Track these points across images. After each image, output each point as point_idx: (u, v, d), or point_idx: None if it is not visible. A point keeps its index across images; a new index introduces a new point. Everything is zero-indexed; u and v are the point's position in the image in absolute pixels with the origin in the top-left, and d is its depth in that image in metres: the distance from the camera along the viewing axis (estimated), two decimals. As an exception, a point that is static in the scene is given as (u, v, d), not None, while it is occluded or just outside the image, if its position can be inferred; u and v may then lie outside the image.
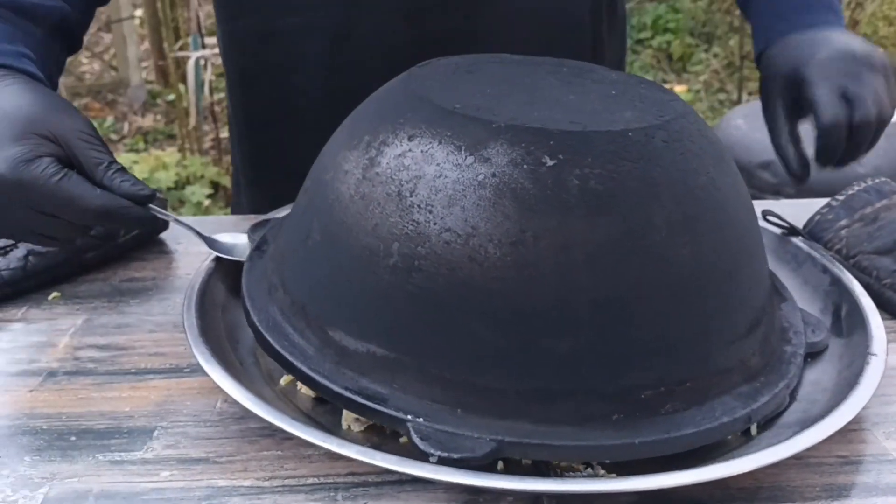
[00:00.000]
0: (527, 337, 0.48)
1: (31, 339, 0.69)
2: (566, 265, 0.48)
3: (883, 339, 0.60)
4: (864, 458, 0.55)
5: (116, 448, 0.55)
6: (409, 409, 0.49)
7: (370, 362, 0.51)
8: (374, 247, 0.50)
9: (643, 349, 0.49)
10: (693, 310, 0.51)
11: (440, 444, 0.46)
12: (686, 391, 0.50)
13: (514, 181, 0.48)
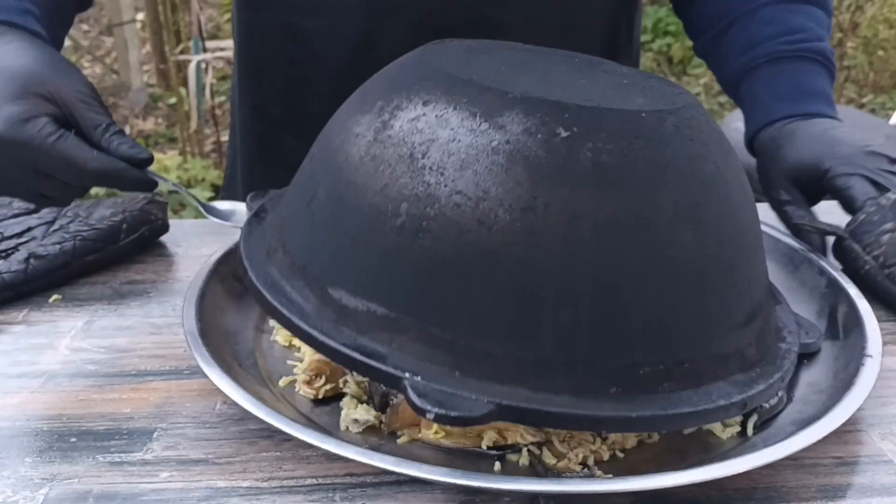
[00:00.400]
0: (530, 304, 0.48)
1: (31, 341, 0.69)
2: (574, 235, 0.48)
3: (878, 340, 0.60)
4: (860, 459, 0.55)
5: (116, 449, 0.55)
6: (406, 368, 0.48)
7: (370, 321, 0.50)
8: (382, 207, 0.50)
9: (643, 326, 0.49)
10: (694, 293, 0.51)
11: (437, 402, 0.46)
12: (684, 372, 0.50)
13: (527, 149, 0.49)
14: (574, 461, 0.53)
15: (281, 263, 0.57)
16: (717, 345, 0.52)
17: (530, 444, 0.54)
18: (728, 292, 0.53)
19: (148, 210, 0.84)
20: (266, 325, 0.69)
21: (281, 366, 0.64)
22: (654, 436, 0.56)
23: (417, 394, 0.47)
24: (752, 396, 0.52)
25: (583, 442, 0.53)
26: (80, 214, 0.83)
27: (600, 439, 0.54)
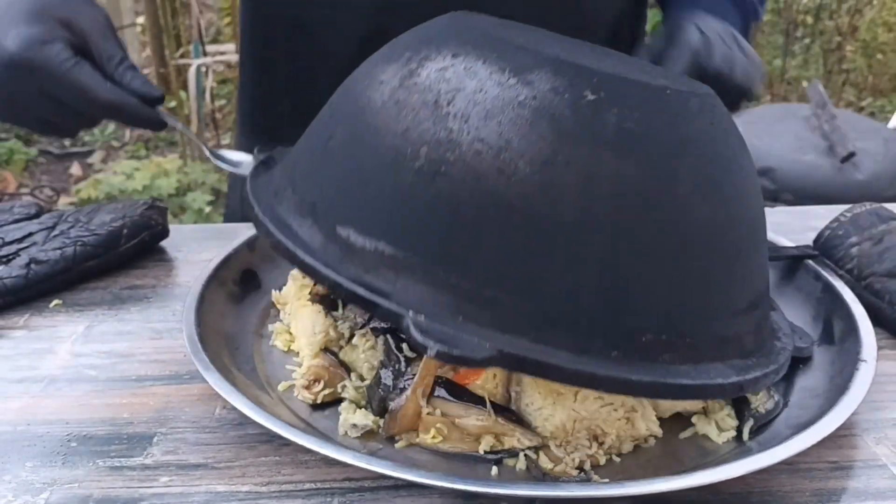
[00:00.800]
0: (540, 256, 0.48)
1: (32, 346, 0.69)
2: (591, 195, 0.48)
3: (873, 345, 0.60)
4: (855, 463, 0.55)
5: (116, 454, 0.56)
6: (409, 306, 0.48)
7: (376, 260, 0.50)
8: (401, 149, 0.51)
9: (650, 293, 0.50)
10: (703, 269, 0.52)
11: (439, 341, 0.45)
12: (684, 346, 0.50)
13: (553, 107, 0.49)
14: (570, 465, 0.53)
15: (289, 203, 0.57)
16: (718, 325, 0.53)
17: (527, 448, 0.54)
18: (734, 275, 0.54)
19: (148, 215, 0.85)
20: (265, 330, 0.69)
21: (280, 371, 0.64)
22: (651, 440, 0.57)
23: (419, 330, 0.46)
24: (749, 381, 0.53)
25: (579, 447, 0.54)
26: (81, 220, 0.84)
27: (597, 444, 0.54)
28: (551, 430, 0.54)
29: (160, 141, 3.34)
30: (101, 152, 3.25)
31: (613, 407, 0.54)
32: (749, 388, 0.54)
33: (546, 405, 0.54)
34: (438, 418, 0.55)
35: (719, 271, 0.53)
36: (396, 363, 0.58)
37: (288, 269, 0.73)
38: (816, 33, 3.75)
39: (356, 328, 0.61)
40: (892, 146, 2.00)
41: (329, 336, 0.63)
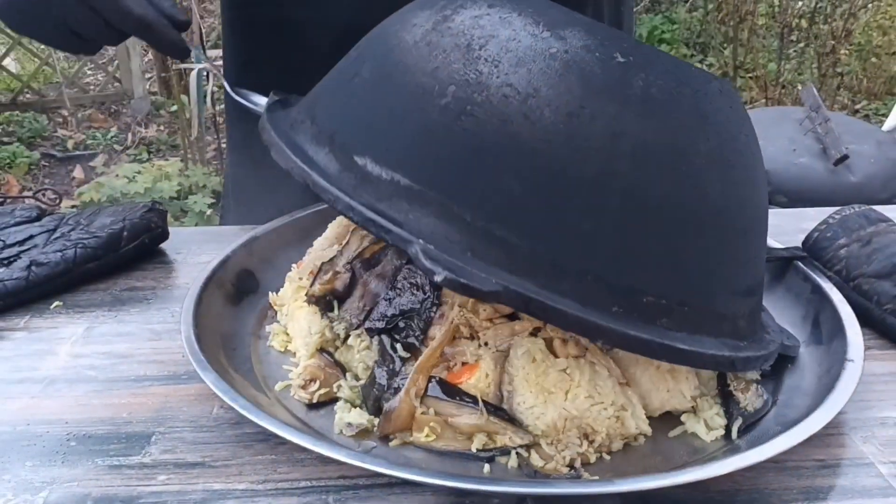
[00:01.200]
0: (556, 204, 0.49)
1: (33, 347, 0.70)
2: (612, 151, 0.50)
3: (860, 345, 0.61)
4: (842, 461, 0.56)
5: (115, 453, 0.57)
6: (420, 236, 0.49)
7: (391, 190, 0.51)
8: (429, 86, 0.52)
9: (657, 256, 0.51)
10: (709, 242, 0.53)
11: (447, 268, 0.46)
12: (682, 315, 0.51)
13: (584, 63, 0.51)
14: (561, 463, 0.54)
15: (306, 133, 0.57)
16: (717, 301, 0.54)
17: (518, 446, 0.55)
18: (737, 256, 0.55)
19: (148, 218, 0.86)
20: (263, 331, 0.70)
21: (277, 371, 0.65)
22: (640, 439, 0.57)
23: (428, 258, 0.47)
24: (740, 358, 0.53)
25: (570, 445, 0.55)
26: (82, 222, 0.85)
27: (587, 442, 0.55)
28: (542, 429, 0.55)
29: (162, 144, 3.36)
30: (104, 156, 3.26)
31: (604, 406, 0.55)
32: (739, 366, 0.54)
33: (537, 404, 0.55)
34: (432, 417, 0.56)
35: (724, 249, 0.54)
36: (391, 363, 0.59)
37: (285, 270, 0.74)
38: (811, 37, 3.76)
39: (351, 329, 0.62)
40: (886, 149, 2.01)
41: (325, 337, 0.64)
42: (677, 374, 0.58)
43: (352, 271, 0.65)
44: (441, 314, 0.59)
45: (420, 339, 0.59)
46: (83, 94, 3.63)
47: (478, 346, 0.58)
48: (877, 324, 0.69)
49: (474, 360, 0.57)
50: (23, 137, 3.29)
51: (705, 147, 0.52)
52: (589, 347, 0.57)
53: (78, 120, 3.50)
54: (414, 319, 0.59)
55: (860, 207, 0.77)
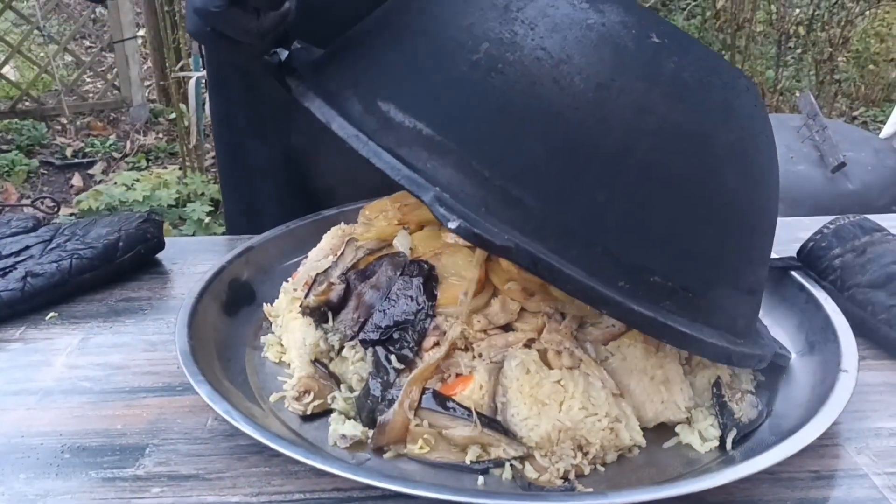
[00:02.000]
0: (575, 170, 0.49)
1: (28, 358, 0.70)
2: (636, 126, 0.50)
3: (854, 355, 0.61)
4: (836, 472, 0.56)
5: (109, 465, 0.57)
6: (437, 185, 0.48)
7: (412, 137, 0.51)
8: (462, 41, 0.52)
9: (668, 238, 0.51)
10: (719, 232, 0.53)
11: (462, 217, 0.46)
12: (686, 300, 0.51)
13: (619, 38, 0.51)
14: (555, 475, 0.54)
15: (330, 73, 0.57)
16: (720, 293, 0.54)
17: (512, 458, 0.55)
18: (743, 252, 0.55)
19: (144, 228, 0.86)
20: (257, 342, 0.70)
21: (271, 382, 0.65)
22: (635, 450, 0.57)
23: (443, 205, 0.47)
24: (736, 352, 0.54)
25: (564, 456, 0.55)
26: (77, 233, 0.85)
27: (581, 453, 0.55)
28: (536, 441, 0.55)
29: (161, 152, 3.36)
30: (102, 163, 3.27)
31: (598, 417, 0.55)
32: (735, 360, 0.55)
33: (531, 415, 0.55)
34: (426, 429, 0.56)
35: (733, 242, 0.54)
36: (385, 374, 0.59)
37: (280, 281, 0.74)
38: (809, 44, 3.77)
39: (346, 340, 0.62)
40: (883, 156, 2.01)
41: (319, 348, 0.64)
42: (671, 386, 0.58)
43: (346, 282, 0.65)
44: (435, 325, 0.59)
45: (414, 351, 0.59)
46: (82, 102, 3.64)
47: (472, 357, 0.58)
48: (871, 334, 0.69)
49: (468, 372, 0.57)
50: (21, 145, 3.30)
51: (728, 138, 0.53)
52: (583, 359, 0.57)
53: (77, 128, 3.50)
54: (408, 331, 0.59)
55: (855, 217, 0.77)
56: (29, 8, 3.66)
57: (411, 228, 0.69)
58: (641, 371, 0.58)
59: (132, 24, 3.52)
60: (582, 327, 0.60)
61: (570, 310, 0.60)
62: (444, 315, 0.60)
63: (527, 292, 0.61)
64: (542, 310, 0.59)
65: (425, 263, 0.63)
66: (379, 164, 0.50)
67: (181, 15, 3.01)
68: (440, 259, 0.64)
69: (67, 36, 3.72)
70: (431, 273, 0.62)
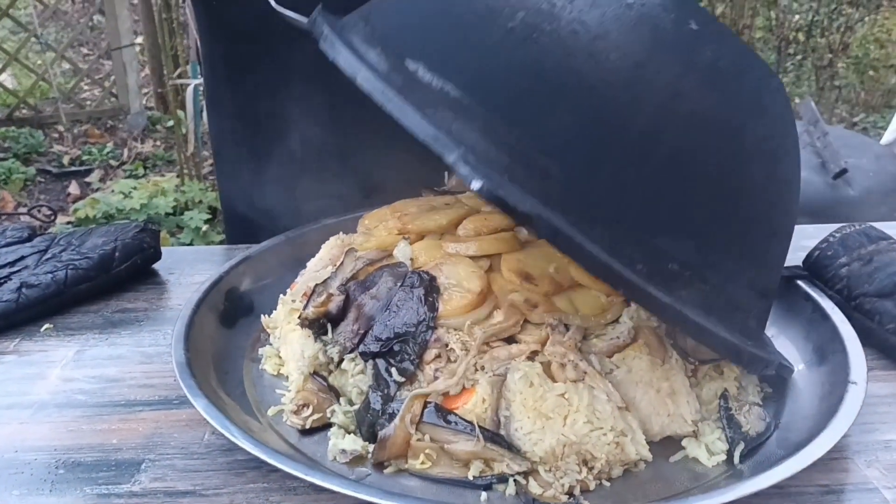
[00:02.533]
0: (603, 146, 0.49)
1: (23, 371, 0.69)
2: (669, 109, 0.49)
3: (863, 367, 0.60)
4: (846, 486, 0.55)
5: (104, 481, 0.55)
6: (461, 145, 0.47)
7: (439, 98, 0.50)
8: (498, 7, 0.51)
9: (688, 224, 0.50)
10: (740, 227, 0.52)
11: (486, 178, 0.45)
12: (702, 291, 0.50)
13: (658, 20, 0.51)
14: (560, 491, 0.53)
15: (359, 32, 0.55)
16: (736, 290, 0.53)
17: (516, 473, 0.54)
18: (761, 251, 0.55)
19: (140, 238, 0.85)
20: (255, 354, 0.69)
21: (270, 395, 0.64)
22: (641, 465, 0.56)
23: (467, 164, 0.45)
24: (747, 351, 0.53)
25: (568, 471, 0.54)
26: (73, 243, 0.84)
27: (586, 468, 0.54)
28: (541, 455, 0.54)
29: (158, 160, 3.35)
30: (100, 171, 3.26)
31: (603, 431, 0.54)
32: (745, 360, 0.54)
33: (535, 429, 0.54)
34: (427, 444, 0.55)
35: (752, 239, 0.54)
36: (385, 388, 0.57)
37: (278, 291, 0.73)
38: (808, 50, 3.77)
39: (345, 353, 0.61)
40: (884, 162, 2.01)
41: (318, 360, 0.63)
42: (678, 398, 0.57)
43: (346, 293, 0.64)
44: (436, 337, 0.58)
45: (415, 363, 0.58)
46: (79, 110, 3.63)
47: (474, 370, 0.57)
48: (879, 344, 0.68)
49: (471, 385, 0.56)
50: (18, 153, 3.29)
51: (757, 135, 0.52)
52: (587, 371, 0.56)
53: (74, 136, 3.49)
54: (409, 343, 0.58)
55: (861, 225, 0.77)
56: (26, 16, 3.66)
57: (412, 238, 0.68)
58: (647, 383, 0.57)
59: (130, 31, 3.52)
60: (586, 339, 0.59)
61: (574, 321, 0.59)
62: (445, 327, 0.59)
63: (530, 303, 0.60)
64: (545, 321, 0.58)
65: (426, 274, 0.62)
66: (404, 122, 0.48)
67: (179, 22, 3.01)
68: (441, 269, 0.63)
69: (65, 44, 3.71)
70: (433, 284, 0.61)
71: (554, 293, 0.61)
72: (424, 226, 0.69)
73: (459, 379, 0.56)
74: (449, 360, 0.58)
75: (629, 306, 0.60)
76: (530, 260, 0.63)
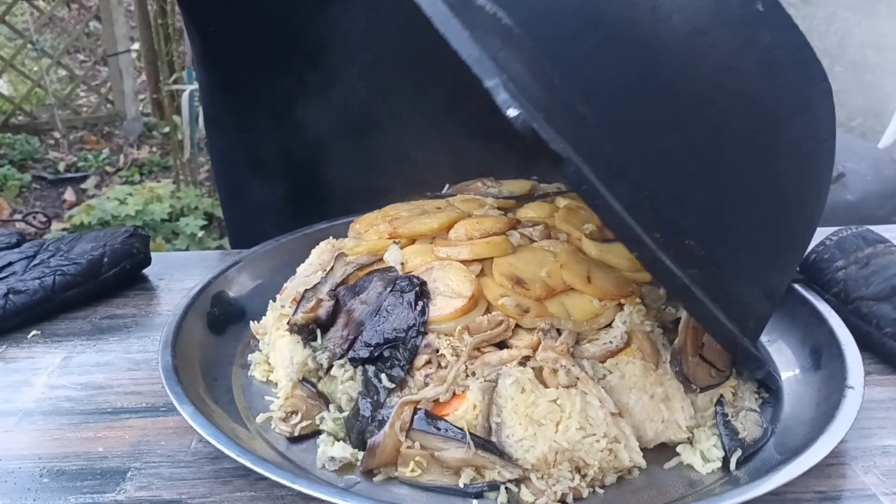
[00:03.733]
0: (646, 105, 0.48)
1: (9, 378, 0.68)
2: (718, 82, 0.49)
3: (860, 371, 0.59)
4: (843, 493, 0.54)
5: (89, 490, 0.54)
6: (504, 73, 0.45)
7: (490, 23, 0.48)
8: None
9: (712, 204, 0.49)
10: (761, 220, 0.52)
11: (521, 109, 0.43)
12: (710, 276, 0.50)
13: None
14: (553, 498, 0.52)
15: None
16: (743, 284, 0.52)
17: (508, 481, 0.53)
18: (778, 251, 0.54)
19: (130, 243, 0.84)
20: (244, 361, 0.68)
21: (258, 402, 0.63)
22: (635, 472, 0.55)
23: (508, 92, 0.44)
24: (742, 345, 0.52)
25: (561, 479, 0.53)
26: (62, 248, 0.83)
27: (579, 475, 0.53)
28: (533, 462, 0.53)
29: (154, 166, 3.34)
30: (96, 178, 3.25)
31: (596, 438, 0.53)
32: (740, 352, 0.53)
33: (527, 436, 0.53)
34: (417, 451, 0.54)
35: (771, 237, 0.53)
36: (375, 394, 0.56)
37: (268, 297, 0.72)
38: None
39: (335, 359, 0.60)
40: (882, 166, 2.00)
41: (307, 367, 0.62)
42: (672, 404, 0.57)
43: (336, 298, 0.63)
44: (427, 343, 0.57)
45: (406, 370, 0.57)
46: (75, 116, 3.62)
47: (465, 376, 0.56)
48: (877, 348, 0.67)
49: (461, 391, 0.55)
50: (14, 160, 3.28)
51: (797, 131, 0.52)
52: (580, 377, 0.55)
53: (70, 142, 3.48)
54: (399, 349, 0.57)
55: (857, 228, 0.76)
56: (23, 22, 3.65)
57: (402, 243, 0.67)
58: (641, 389, 0.56)
59: (126, 37, 3.52)
60: (579, 344, 0.58)
61: (567, 326, 0.58)
62: (436, 332, 0.58)
63: (521, 308, 0.59)
64: (537, 326, 0.57)
65: (416, 278, 0.61)
66: (451, 39, 0.46)
67: (175, 28, 3.00)
68: (432, 274, 0.62)
69: (61, 50, 3.71)
70: (423, 288, 0.60)
71: (546, 298, 0.60)
72: (415, 230, 0.68)
73: (450, 385, 0.55)
74: (439, 365, 0.57)
75: (622, 311, 0.59)
76: (522, 264, 0.62)
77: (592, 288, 0.60)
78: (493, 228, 0.67)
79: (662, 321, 0.61)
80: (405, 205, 0.74)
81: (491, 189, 0.79)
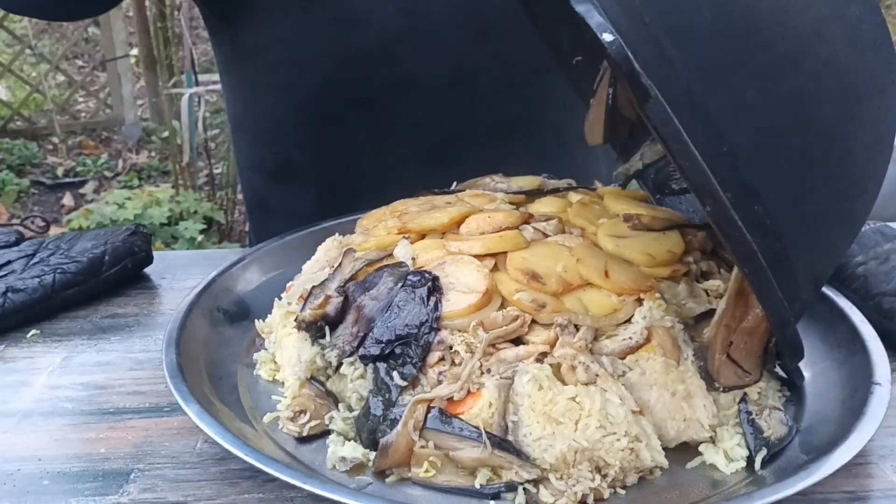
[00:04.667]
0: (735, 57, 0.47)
1: (8, 378, 0.66)
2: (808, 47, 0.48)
3: (886, 367, 0.58)
4: (872, 493, 0.52)
5: (91, 492, 0.53)
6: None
7: None
8: None
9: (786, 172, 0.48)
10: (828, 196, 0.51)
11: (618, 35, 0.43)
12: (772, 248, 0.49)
13: None
14: (572, 499, 0.50)
15: None
16: (799, 261, 0.50)
17: (526, 482, 0.51)
18: (834, 235, 0.53)
19: (131, 241, 0.82)
20: (250, 360, 0.66)
21: (265, 401, 0.61)
22: (656, 472, 0.53)
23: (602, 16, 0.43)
24: (792, 325, 0.52)
25: (581, 479, 0.51)
26: (62, 247, 0.81)
27: (599, 476, 0.51)
28: (551, 462, 0.51)
29: (153, 171, 3.33)
30: (94, 183, 3.23)
31: (616, 436, 0.52)
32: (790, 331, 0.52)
33: (545, 435, 0.51)
34: (431, 451, 0.52)
35: (831, 219, 0.52)
36: (387, 392, 0.55)
37: (274, 294, 0.70)
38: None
39: (344, 356, 0.58)
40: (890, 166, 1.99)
41: (315, 365, 0.60)
42: (694, 402, 0.55)
43: (344, 295, 0.61)
44: (440, 339, 0.56)
45: (418, 367, 0.55)
46: (74, 121, 3.61)
47: (480, 373, 0.54)
48: None
49: (476, 389, 0.54)
50: (12, 165, 3.26)
51: (873, 112, 0.51)
52: (599, 374, 0.53)
53: (68, 147, 3.47)
54: (411, 345, 0.56)
55: (875, 224, 0.74)
56: (21, 28, 3.64)
57: (412, 238, 0.66)
58: (662, 386, 0.54)
59: (125, 42, 3.51)
60: (597, 340, 0.56)
61: (585, 321, 0.56)
62: (449, 328, 0.56)
63: (537, 303, 0.57)
64: (554, 322, 0.56)
65: (429, 273, 0.59)
66: None
67: (174, 32, 2.99)
68: (444, 269, 0.60)
69: (59, 55, 3.70)
70: (435, 283, 0.58)
71: (563, 293, 0.58)
72: (425, 224, 0.66)
73: (464, 382, 0.54)
74: (453, 362, 0.55)
75: (641, 306, 0.58)
76: (537, 258, 0.61)
77: (610, 283, 0.59)
78: (506, 223, 0.65)
79: (683, 317, 0.59)
80: (414, 200, 0.73)
81: (500, 185, 0.77)
